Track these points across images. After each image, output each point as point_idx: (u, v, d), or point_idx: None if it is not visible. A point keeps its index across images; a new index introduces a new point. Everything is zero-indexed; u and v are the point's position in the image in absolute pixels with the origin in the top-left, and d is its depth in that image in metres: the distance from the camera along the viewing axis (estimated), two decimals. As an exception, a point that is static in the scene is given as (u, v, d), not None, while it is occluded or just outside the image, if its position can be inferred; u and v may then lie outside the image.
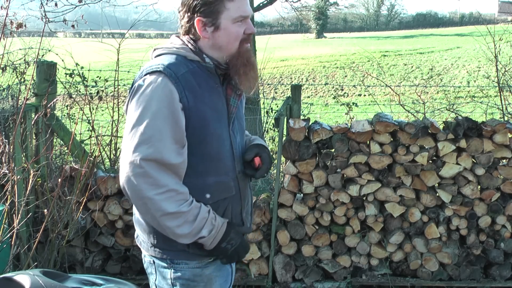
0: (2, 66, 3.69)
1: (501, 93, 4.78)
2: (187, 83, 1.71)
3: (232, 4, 1.74)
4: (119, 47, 4.25)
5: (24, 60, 4.02)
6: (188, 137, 1.72)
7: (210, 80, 1.78)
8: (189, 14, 1.76)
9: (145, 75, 1.71)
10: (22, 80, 3.92)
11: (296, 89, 3.99)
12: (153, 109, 1.64)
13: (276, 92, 15.03)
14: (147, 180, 1.63)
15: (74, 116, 4.37)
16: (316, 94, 16.40)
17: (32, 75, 3.59)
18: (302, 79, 19.56)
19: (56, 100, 3.82)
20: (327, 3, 39.25)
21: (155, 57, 1.82)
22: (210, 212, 1.75)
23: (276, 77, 18.63)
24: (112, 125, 4.23)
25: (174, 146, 1.66)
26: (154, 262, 1.86)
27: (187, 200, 1.70)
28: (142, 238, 1.89)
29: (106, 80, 4.68)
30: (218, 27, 1.75)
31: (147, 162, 1.63)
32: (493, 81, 5.98)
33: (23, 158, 3.41)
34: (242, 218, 1.92)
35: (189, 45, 1.79)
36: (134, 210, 1.87)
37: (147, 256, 1.88)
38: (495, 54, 4.94)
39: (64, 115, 4.20)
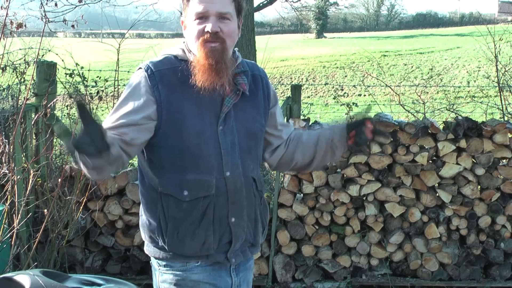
0: (2, 66, 3.68)
1: (501, 93, 4.78)
2: (163, 78, 1.73)
3: (192, 1, 1.73)
4: (119, 47, 4.24)
5: (24, 60, 4.01)
6: (165, 130, 1.71)
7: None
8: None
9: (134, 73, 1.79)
10: (22, 80, 3.92)
11: (296, 89, 4.00)
12: (122, 99, 1.72)
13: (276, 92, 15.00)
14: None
15: (74, 116, 4.36)
16: (316, 94, 16.40)
17: (32, 75, 3.59)
18: (302, 79, 19.55)
19: (56, 100, 3.82)
20: (327, 3, 39.22)
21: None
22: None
23: (276, 77, 18.62)
24: (112, 125, 4.21)
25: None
26: (151, 261, 1.86)
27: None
28: (142, 234, 1.88)
29: (106, 80, 4.67)
30: (186, 25, 1.79)
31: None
32: (493, 81, 5.98)
33: (23, 158, 3.41)
34: (228, 223, 1.78)
35: (183, 45, 1.81)
36: (141, 212, 1.85)
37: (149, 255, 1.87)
38: (495, 54, 4.94)
39: (64, 115, 4.20)
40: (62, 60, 4.20)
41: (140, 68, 1.77)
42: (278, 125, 1.96)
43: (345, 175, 3.68)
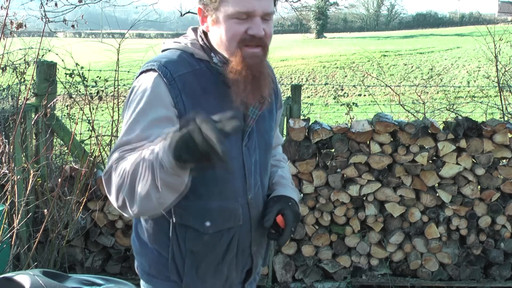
0: (2, 66, 3.69)
1: (501, 93, 4.78)
2: (186, 86, 1.42)
3: None
4: (119, 47, 4.24)
5: (24, 60, 4.02)
6: None
7: (221, 84, 1.47)
8: (199, 1, 1.49)
9: (141, 73, 1.47)
10: (22, 80, 3.92)
11: (296, 89, 3.99)
12: (139, 111, 1.39)
13: (276, 92, 15.00)
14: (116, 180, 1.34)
15: (74, 116, 4.36)
16: (316, 94, 16.40)
17: (32, 75, 3.59)
18: (302, 79, 19.55)
19: (56, 100, 3.82)
20: (327, 3, 39.27)
21: (162, 51, 1.56)
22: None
23: (276, 77, 18.61)
24: (112, 125, 4.22)
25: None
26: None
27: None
28: (136, 261, 1.64)
29: (106, 80, 4.67)
30: (216, 20, 1.44)
31: (115, 166, 1.35)
32: (493, 81, 5.98)
33: (23, 158, 3.41)
34: (251, 253, 1.61)
35: (200, 40, 1.51)
36: (137, 238, 1.62)
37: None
38: (495, 54, 4.94)
39: (64, 115, 4.20)
40: (62, 60, 4.20)
41: (153, 69, 1.44)
42: (277, 124, 1.77)
43: (345, 175, 3.68)
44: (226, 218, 1.51)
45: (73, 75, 4.24)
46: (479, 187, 3.71)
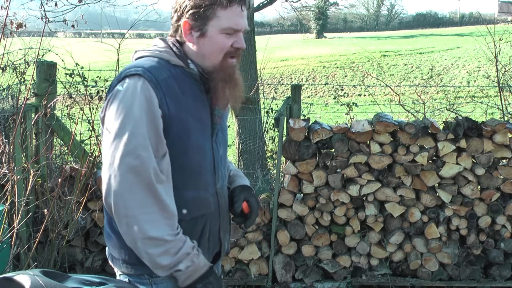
0: (2, 66, 3.69)
1: (501, 93, 4.78)
2: (169, 89, 1.58)
3: (224, 12, 1.61)
4: (119, 47, 4.24)
5: (24, 60, 4.02)
6: (168, 148, 1.58)
7: (194, 87, 1.66)
8: (178, 14, 1.65)
9: (124, 78, 1.57)
10: (22, 80, 3.92)
11: (296, 89, 3.99)
12: (134, 116, 1.51)
13: (276, 92, 15.03)
14: (133, 196, 1.51)
15: (74, 116, 4.36)
16: (316, 94, 16.40)
17: (32, 75, 3.59)
18: (302, 79, 19.55)
19: (56, 100, 3.82)
20: (327, 3, 39.25)
21: (135, 59, 1.69)
22: (194, 249, 1.60)
23: (276, 77, 18.62)
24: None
25: (156, 159, 1.55)
26: (129, 281, 1.69)
27: (174, 229, 1.57)
28: (113, 255, 1.72)
29: (106, 80, 4.68)
30: (204, 33, 1.63)
31: (133, 175, 1.50)
32: (493, 81, 5.98)
33: (23, 158, 3.41)
34: (219, 237, 1.80)
35: (174, 49, 1.67)
36: (105, 223, 1.73)
37: (122, 275, 1.72)
38: (495, 54, 4.94)
39: (64, 115, 4.20)
40: (62, 60, 4.20)
41: (138, 74, 1.56)
42: None
43: (345, 175, 3.67)
44: (200, 206, 1.69)
45: (73, 75, 4.25)
46: (479, 187, 3.71)
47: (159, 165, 1.56)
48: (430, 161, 3.68)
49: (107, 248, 1.77)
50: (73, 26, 5.11)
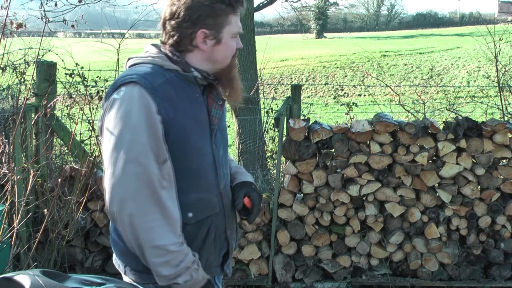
0: (2, 66, 3.69)
1: (501, 93, 4.78)
2: (165, 94, 1.59)
3: (234, 18, 1.70)
4: (119, 47, 4.24)
5: (24, 60, 4.02)
6: (169, 151, 1.60)
7: (189, 90, 1.68)
8: (188, 24, 1.64)
9: (119, 86, 1.58)
10: (22, 80, 3.92)
11: (296, 89, 3.99)
12: (133, 123, 1.53)
13: (276, 92, 15.03)
14: (137, 204, 1.52)
15: (74, 116, 4.36)
16: (316, 94, 16.40)
17: (32, 75, 3.59)
18: (302, 79, 19.55)
19: (56, 100, 3.82)
20: (327, 3, 39.27)
21: (129, 67, 1.70)
22: (194, 263, 1.62)
23: (276, 77, 18.62)
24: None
25: (157, 165, 1.57)
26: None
27: (177, 235, 1.58)
28: (120, 261, 1.74)
29: (106, 80, 4.68)
30: (219, 41, 1.68)
31: (136, 182, 1.52)
32: (493, 81, 5.98)
33: (23, 158, 3.41)
34: (226, 237, 1.82)
35: (169, 53, 1.68)
36: (111, 230, 1.76)
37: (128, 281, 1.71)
38: (495, 54, 4.94)
39: (64, 115, 4.20)
40: (62, 60, 4.20)
41: (133, 81, 1.57)
42: None
43: (345, 175, 3.67)
44: (204, 208, 1.70)
45: (73, 75, 4.24)
46: (479, 187, 3.71)
47: (161, 170, 1.57)
48: (430, 161, 3.68)
49: (113, 255, 1.78)
50: (73, 26, 5.11)
